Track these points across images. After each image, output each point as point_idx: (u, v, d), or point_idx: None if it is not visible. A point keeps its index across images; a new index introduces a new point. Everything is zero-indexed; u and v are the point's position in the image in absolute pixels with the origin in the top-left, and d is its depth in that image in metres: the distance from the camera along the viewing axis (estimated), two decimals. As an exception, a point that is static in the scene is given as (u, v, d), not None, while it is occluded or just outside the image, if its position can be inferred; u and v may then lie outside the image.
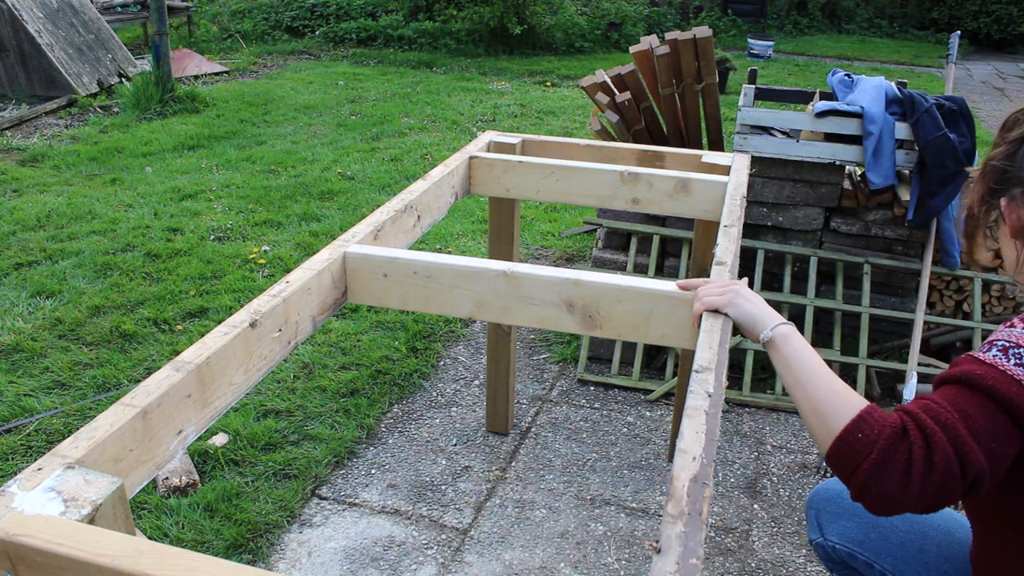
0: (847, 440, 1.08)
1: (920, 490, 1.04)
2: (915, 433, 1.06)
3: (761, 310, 1.29)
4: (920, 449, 1.04)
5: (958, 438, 1.04)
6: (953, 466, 1.04)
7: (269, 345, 1.30)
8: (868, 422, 1.08)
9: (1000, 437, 1.06)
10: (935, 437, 1.04)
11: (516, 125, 6.51)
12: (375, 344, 3.16)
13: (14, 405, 2.68)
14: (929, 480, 1.04)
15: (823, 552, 1.59)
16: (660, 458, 2.60)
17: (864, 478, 1.07)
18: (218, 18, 10.71)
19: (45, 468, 0.90)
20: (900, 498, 1.05)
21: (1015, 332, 1.11)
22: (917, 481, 1.04)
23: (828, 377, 1.16)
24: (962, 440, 1.04)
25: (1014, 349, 1.08)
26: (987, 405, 1.06)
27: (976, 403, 1.07)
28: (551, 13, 10.45)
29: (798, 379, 1.18)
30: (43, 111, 6.46)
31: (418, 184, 1.88)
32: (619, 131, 3.01)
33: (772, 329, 1.25)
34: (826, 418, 1.12)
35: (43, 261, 3.77)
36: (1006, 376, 1.06)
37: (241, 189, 4.80)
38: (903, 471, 1.04)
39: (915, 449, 1.04)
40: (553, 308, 1.47)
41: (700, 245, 2.27)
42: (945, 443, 1.04)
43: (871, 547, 1.49)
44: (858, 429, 1.08)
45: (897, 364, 2.89)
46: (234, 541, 2.16)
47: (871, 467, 1.06)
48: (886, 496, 1.06)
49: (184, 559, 0.78)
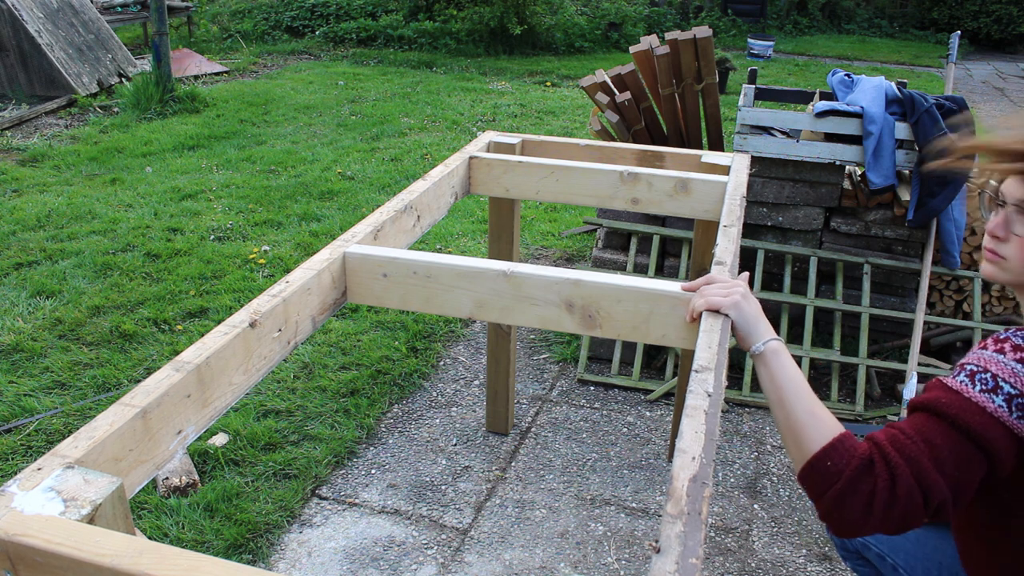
0: (816, 466, 1.11)
1: (882, 520, 1.08)
2: (880, 466, 1.08)
3: (758, 320, 1.30)
4: (884, 482, 1.07)
5: (922, 472, 1.07)
6: (916, 497, 1.07)
7: (269, 345, 1.30)
8: (839, 451, 1.11)
9: (964, 465, 1.08)
10: (899, 471, 1.08)
11: (516, 125, 6.51)
12: (375, 344, 3.16)
13: (14, 405, 2.68)
14: (891, 512, 1.08)
15: (838, 540, 1.60)
16: (660, 458, 2.60)
17: (829, 505, 1.10)
18: (218, 18, 10.71)
19: (45, 468, 0.90)
20: (861, 526, 1.09)
21: (985, 355, 1.12)
22: (879, 512, 1.08)
23: (808, 399, 1.18)
24: (925, 473, 1.07)
25: (981, 375, 1.09)
26: (951, 434, 1.09)
27: (941, 432, 1.09)
28: (551, 13, 10.45)
29: (780, 397, 1.19)
30: (43, 111, 6.46)
31: (418, 184, 1.88)
32: (619, 131, 3.01)
33: (765, 343, 1.25)
34: (801, 440, 1.14)
35: (43, 261, 3.78)
36: (970, 404, 1.08)
37: (241, 189, 4.80)
38: (866, 503, 1.08)
39: (879, 482, 1.08)
40: (553, 308, 1.47)
41: (700, 245, 2.27)
42: (908, 476, 1.07)
43: (886, 540, 1.51)
44: (828, 457, 1.11)
45: (897, 364, 2.88)
46: (234, 541, 2.16)
47: (836, 495, 1.09)
48: (848, 523, 1.10)
49: (184, 559, 0.78)
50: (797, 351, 2.92)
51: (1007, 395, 1.08)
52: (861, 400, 2.81)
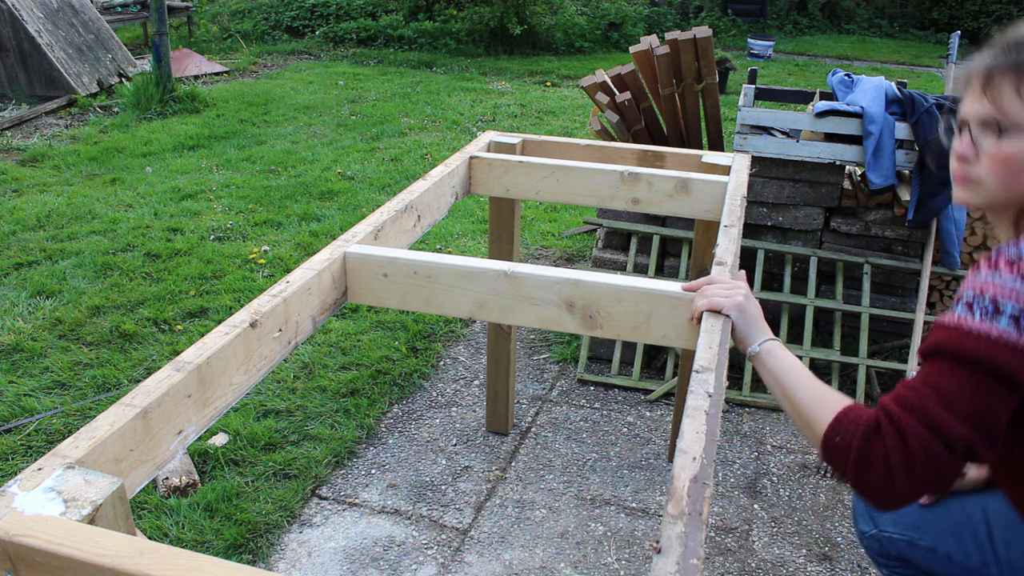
0: (828, 446, 1.09)
1: (909, 480, 1.03)
2: (886, 426, 1.04)
3: (757, 321, 1.30)
4: (894, 441, 1.03)
5: (930, 419, 1.02)
6: (935, 447, 1.01)
7: (269, 345, 1.30)
8: (844, 424, 1.08)
9: (982, 400, 1.02)
10: (905, 425, 1.03)
11: (516, 125, 6.51)
12: (375, 344, 3.16)
13: (14, 405, 2.68)
14: (913, 468, 1.02)
15: (877, 545, 1.53)
16: (660, 458, 2.60)
17: (852, 480, 1.07)
18: (218, 18, 10.71)
19: (45, 468, 0.90)
20: (892, 492, 1.04)
21: (979, 279, 1.05)
22: (900, 472, 1.03)
23: (811, 385, 1.17)
24: (935, 419, 1.02)
25: (978, 300, 1.03)
26: (957, 372, 1.03)
27: (946, 373, 1.03)
28: (551, 13, 10.45)
29: (784, 390, 1.19)
30: (43, 111, 6.46)
31: (418, 184, 1.88)
32: (619, 131, 3.01)
33: (760, 344, 1.26)
34: (812, 424, 1.13)
35: (43, 261, 3.77)
36: (971, 336, 1.02)
37: (241, 189, 4.80)
38: (883, 468, 1.04)
39: (888, 443, 1.03)
40: (553, 308, 1.47)
41: (700, 245, 2.27)
42: (916, 427, 1.02)
43: (929, 529, 1.44)
44: (835, 433, 1.09)
45: (897, 364, 2.88)
46: (234, 541, 2.16)
47: (853, 468, 1.06)
48: (879, 493, 1.05)
49: (184, 559, 0.78)
50: (797, 351, 2.92)
51: (1010, 316, 1.01)
52: (861, 400, 2.81)
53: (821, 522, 2.33)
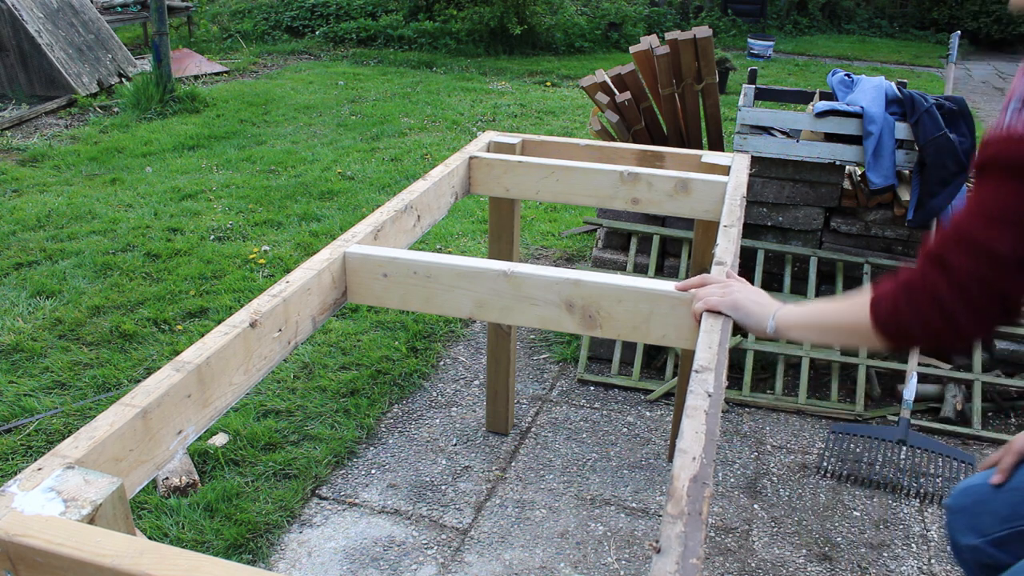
0: (882, 327, 1.07)
1: (971, 315, 0.97)
2: (929, 271, 1.00)
3: (760, 306, 1.31)
4: (939, 280, 0.98)
5: (976, 243, 0.95)
6: (979, 263, 0.95)
7: (269, 345, 1.30)
8: (882, 298, 1.08)
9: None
10: (949, 259, 0.97)
11: (516, 125, 6.51)
12: (375, 344, 3.16)
13: (14, 405, 2.68)
14: (970, 300, 0.96)
15: (985, 556, 1.40)
16: (660, 458, 2.60)
17: (918, 340, 1.05)
18: (218, 18, 10.71)
19: (45, 468, 0.90)
20: (960, 334, 0.99)
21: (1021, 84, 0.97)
22: (959, 310, 0.97)
23: (833, 306, 1.19)
24: (981, 241, 0.95)
25: (1015, 103, 0.95)
26: (1008, 185, 0.94)
27: (994, 189, 0.95)
28: (551, 13, 10.44)
29: (820, 332, 1.22)
30: (43, 111, 6.46)
31: (418, 184, 1.88)
32: (619, 131, 3.01)
33: (773, 320, 1.27)
34: (859, 329, 1.12)
35: (43, 261, 3.78)
36: (1012, 138, 0.94)
37: (241, 189, 4.80)
38: (939, 313, 0.99)
39: (934, 286, 0.99)
40: (553, 308, 1.47)
41: (700, 245, 2.27)
42: (961, 257, 0.96)
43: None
44: (879, 312, 1.07)
45: (897, 364, 2.88)
46: (234, 541, 2.16)
47: (910, 330, 1.03)
48: (949, 342, 1.01)
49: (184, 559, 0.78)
50: (797, 351, 2.92)
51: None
52: (861, 400, 2.81)
53: (821, 522, 2.33)
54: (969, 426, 2.72)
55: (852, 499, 2.43)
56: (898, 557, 2.20)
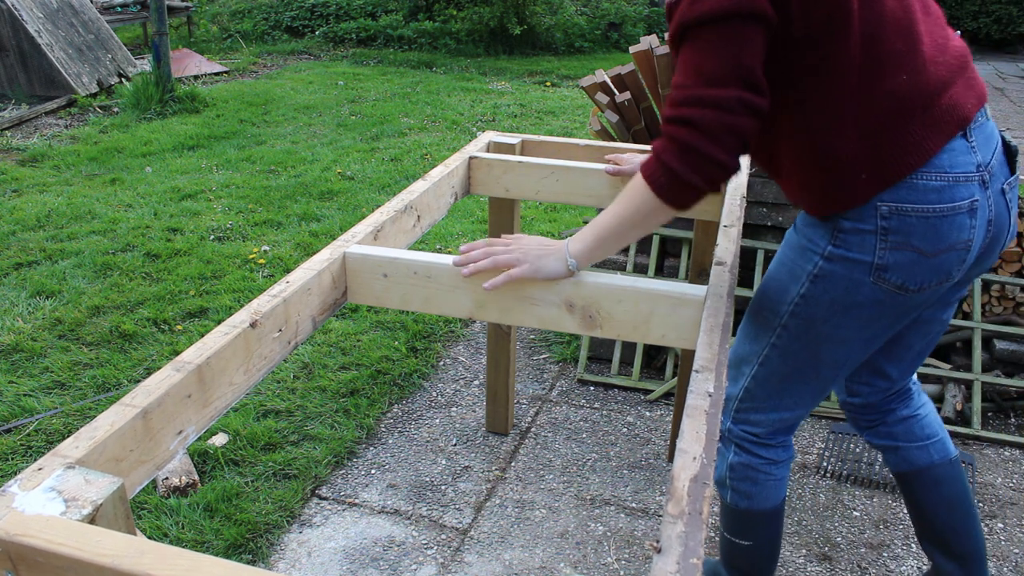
0: (661, 191, 1.27)
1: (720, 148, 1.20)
2: (675, 130, 1.23)
3: (547, 248, 1.42)
4: (687, 134, 1.21)
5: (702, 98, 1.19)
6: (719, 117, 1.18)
7: (269, 345, 1.30)
8: (649, 166, 1.28)
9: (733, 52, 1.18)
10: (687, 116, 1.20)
11: (516, 125, 6.51)
12: (375, 344, 3.16)
13: (14, 405, 2.68)
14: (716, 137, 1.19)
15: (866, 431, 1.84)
16: (660, 458, 2.60)
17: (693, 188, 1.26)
18: (218, 18, 10.71)
19: (45, 468, 0.90)
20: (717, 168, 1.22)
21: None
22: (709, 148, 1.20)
23: (617, 210, 1.35)
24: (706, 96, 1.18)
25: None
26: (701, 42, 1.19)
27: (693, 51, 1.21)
28: (551, 13, 10.44)
29: (618, 238, 1.37)
30: (43, 111, 6.46)
31: (418, 184, 1.88)
32: (619, 131, 3.01)
33: (569, 255, 1.40)
34: (647, 212, 1.31)
35: (43, 261, 3.78)
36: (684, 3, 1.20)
37: (241, 189, 4.80)
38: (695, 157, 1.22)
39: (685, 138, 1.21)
40: (553, 308, 1.47)
41: (700, 245, 2.27)
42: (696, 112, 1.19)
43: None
44: (652, 179, 1.28)
45: (897, 364, 2.88)
46: (234, 541, 2.16)
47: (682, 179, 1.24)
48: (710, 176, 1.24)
49: (184, 559, 0.78)
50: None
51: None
52: (861, 400, 2.81)
53: (821, 522, 2.33)
54: (969, 426, 2.72)
55: (852, 499, 2.43)
56: (898, 557, 2.21)
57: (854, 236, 1.36)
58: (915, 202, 1.30)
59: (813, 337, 1.49)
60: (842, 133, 1.30)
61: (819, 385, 1.57)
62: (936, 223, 1.31)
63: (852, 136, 1.30)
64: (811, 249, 1.43)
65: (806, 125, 1.32)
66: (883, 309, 1.41)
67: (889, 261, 1.35)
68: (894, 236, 1.33)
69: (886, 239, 1.33)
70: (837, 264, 1.40)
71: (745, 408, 1.64)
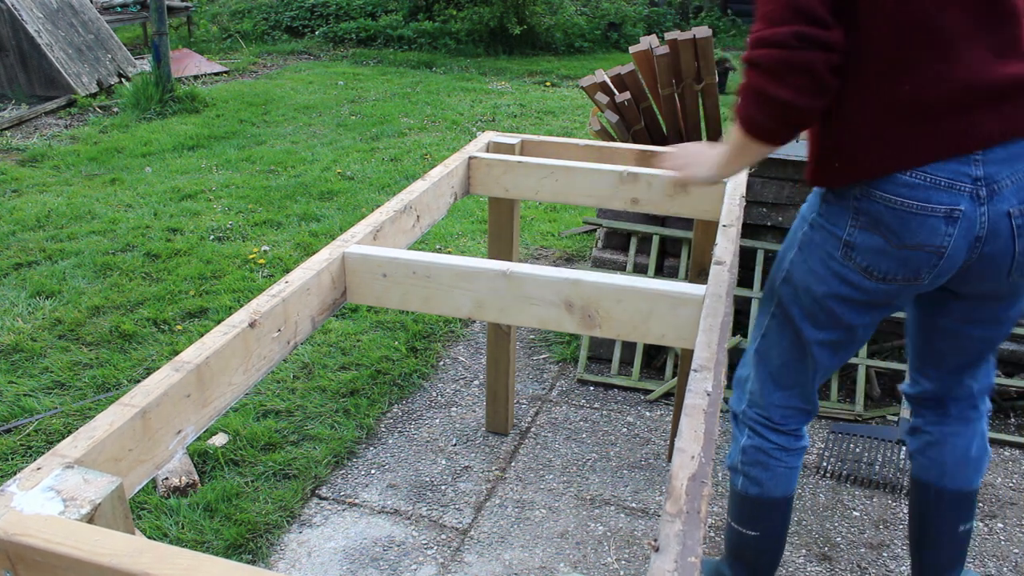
0: (754, 134, 1.35)
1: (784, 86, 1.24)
2: (749, 74, 1.28)
3: (698, 160, 1.57)
4: (755, 77, 1.27)
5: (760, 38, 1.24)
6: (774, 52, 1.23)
7: (269, 345, 1.30)
8: (741, 118, 1.36)
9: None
10: (752, 57, 1.26)
11: (516, 125, 6.51)
12: (375, 344, 3.16)
13: (14, 405, 2.68)
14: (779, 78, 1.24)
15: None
16: (660, 458, 2.60)
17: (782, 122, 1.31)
18: (218, 18, 10.71)
19: (44, 468, 0.91)
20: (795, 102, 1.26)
21: None
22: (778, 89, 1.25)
23: (729, 143, 1.45)
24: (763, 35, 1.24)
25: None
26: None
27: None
28: (551, 13, 10.44)
29: (738, 162, 1.47)
30: (43, 111, 6.46)
31: (417, 184, 1.88)
32: (619, 131, 3.01)
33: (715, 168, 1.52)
34: (749, 145, 1.40)
35: (43, 261, 3.78)
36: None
37: (241, 189, 4.80)
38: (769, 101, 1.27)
39: (758, 83, 1.27)
40: (553, 308, 1.47)
41: (699, 245, 2.27)
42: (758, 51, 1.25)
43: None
44: (748, 126, 1.36)
45: (897, 364, 2.89)
46: (234, 541, 2.16)
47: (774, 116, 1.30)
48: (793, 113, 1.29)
49: (184, 558, 0.78)
50: (797, 351, 2.91)
51: None
52: (861, 400, 2.81)
53: (821, 522, 2.33)
54: (969, 426, 2.72)
55: (852, 499, 2.43)
56: (898, 557, 2.20)
57: (835, 207, 1.45)
58: (886, 191, 1.35)
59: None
60: (839, 119, 1.37)
61: (811, 363, 1.60)
62: (905, 217, 1.34)
63: (847, 127, 1.37)
64: (804, 216, 1.54)
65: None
66: (853, 290, 1.46)
67: (857, 241, 1.41)
68: (864, 217, 1.39)
69: (857, 219, 1.40)
70: (817, 232, 1.48)
71: (755, 390, 1.68)
